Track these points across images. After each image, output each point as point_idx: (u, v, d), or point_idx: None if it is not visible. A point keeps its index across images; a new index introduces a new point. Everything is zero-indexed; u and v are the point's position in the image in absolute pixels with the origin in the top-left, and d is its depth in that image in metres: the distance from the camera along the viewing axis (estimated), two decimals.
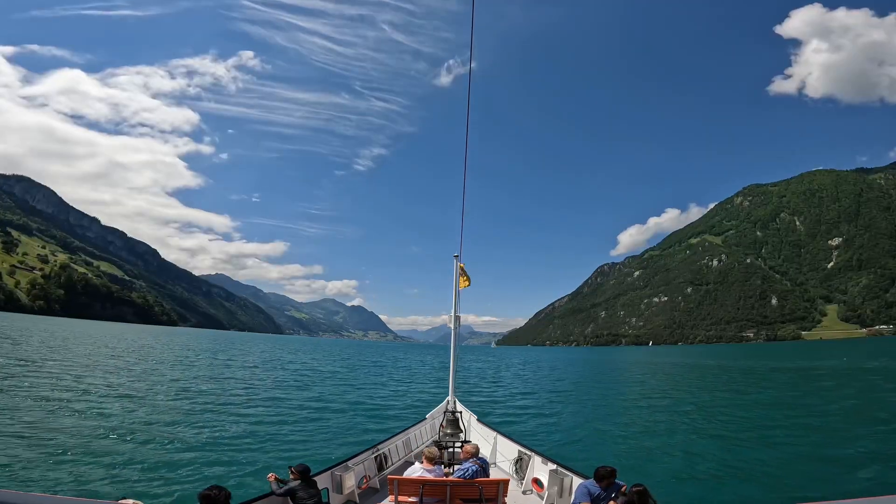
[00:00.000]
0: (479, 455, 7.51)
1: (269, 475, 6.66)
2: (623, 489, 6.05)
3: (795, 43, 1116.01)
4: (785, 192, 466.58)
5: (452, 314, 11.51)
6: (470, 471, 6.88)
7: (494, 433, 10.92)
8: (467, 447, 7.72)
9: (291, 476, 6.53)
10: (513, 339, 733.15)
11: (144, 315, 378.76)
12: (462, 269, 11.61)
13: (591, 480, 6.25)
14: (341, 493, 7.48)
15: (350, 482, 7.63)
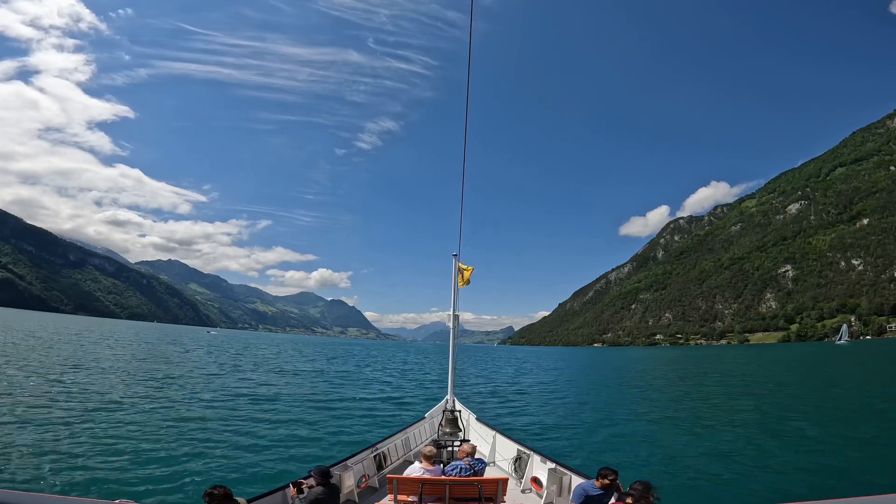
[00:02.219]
0: (476, 455, 7.51)
1: (291, 490, 6.20)
2: (621, 489, 5.94)
3: None
4: None
5: (451, 313, 11.28)
6: (459, 468, 6.86)
7: (493, 432, 10.78)
8: (464, 447, 7.73)
9: (313, 481, 6.16)
10: (524, 337, 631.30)
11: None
12: (464, 268, 11.36)
13: (591, 481, 6.17)
14: (340, 493, 7.44)
15: (349, 481, 7.60)
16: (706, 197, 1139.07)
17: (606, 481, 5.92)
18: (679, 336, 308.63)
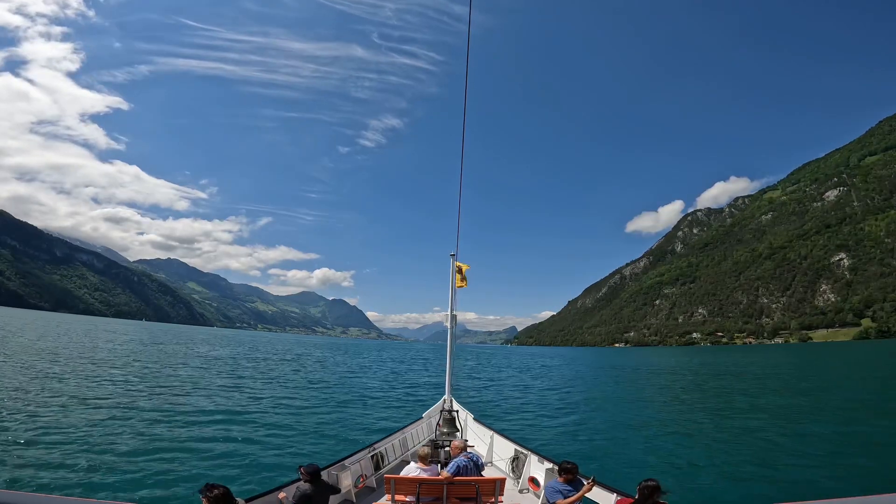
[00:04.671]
0: (468, 450, 7.63)
1: (280, 494, 6.13)
2: (589, 482, 5.89)
3: None
4: None
5: (449, 313, 11.39)
6: (457, 466, 6.75)
7: (491, 432, 10.78)
8: (455, 443, 7.66)
9: (302, 478, 6.08)
10: (532, 337, 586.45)
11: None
12: (461, 268, 11.53)
13: (556, 479, 6.22)
14: (338, 493, 7.42)
15: (347, 481, 7.62)
16: (721, 192, 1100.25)
17: (567, 476, 5.94)
18: (720, 334, 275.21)
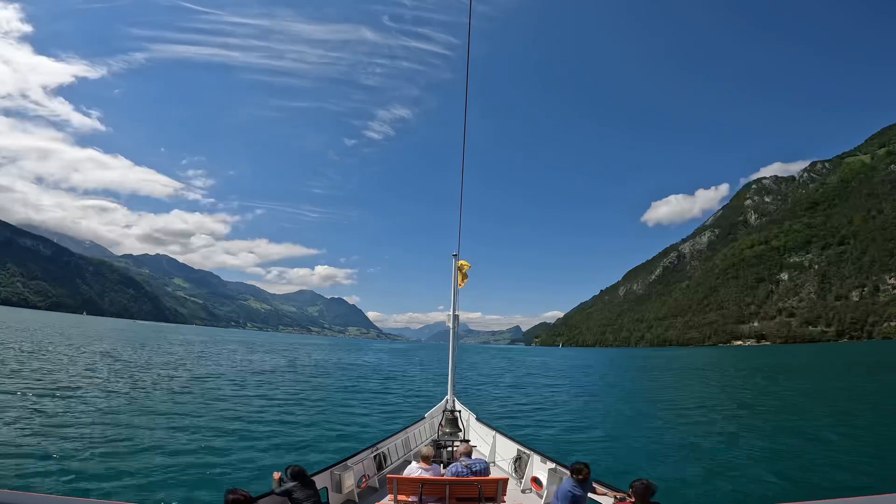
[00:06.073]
0: (475, 455, 7.53)
1: (275, 473, 6.42)
2: (596, 485, 6.08)
3: None
4: None
5: (451, 313, 11.47)
6: (455, 473, 6.81)
7: (493, 432, 10.80)
8: (460, 448, 7.76)
9: (288, 477, 6.29)
10: (562, 334, 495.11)
11: None
12: (465, 266, 11.45)
13: (570, 479, 6.23)
14: (340, 493, 7.41)
15: (349, 481, 7.59)
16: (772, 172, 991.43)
17: (581, 476, 6.01)
18: None
